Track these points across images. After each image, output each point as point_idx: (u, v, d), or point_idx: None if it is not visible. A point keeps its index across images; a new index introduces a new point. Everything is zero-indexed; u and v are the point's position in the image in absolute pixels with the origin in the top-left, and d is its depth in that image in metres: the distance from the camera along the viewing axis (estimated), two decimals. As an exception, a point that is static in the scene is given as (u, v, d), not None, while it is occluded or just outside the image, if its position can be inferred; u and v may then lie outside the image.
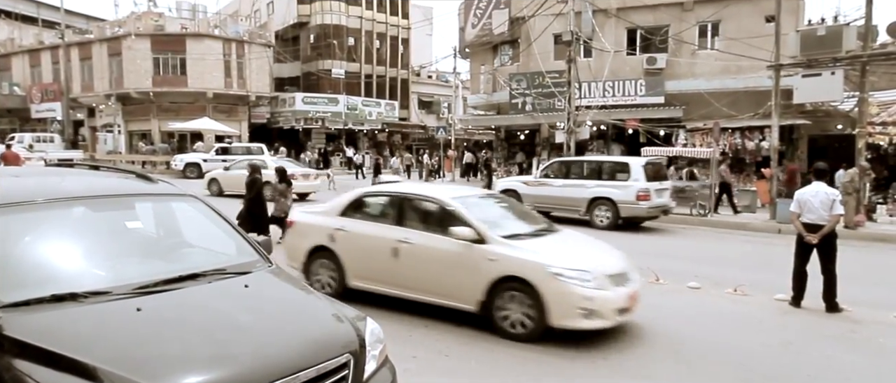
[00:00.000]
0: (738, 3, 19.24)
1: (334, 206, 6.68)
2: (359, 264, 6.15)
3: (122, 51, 31.17)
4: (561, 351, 4.98)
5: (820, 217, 6.36)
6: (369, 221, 6.29)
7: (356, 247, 6.17)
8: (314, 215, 6.94)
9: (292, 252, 6.76)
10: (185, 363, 2.27)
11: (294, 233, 6.95)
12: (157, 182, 3.78)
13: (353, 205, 6.54)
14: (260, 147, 27.16)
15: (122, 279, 2.81)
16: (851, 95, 15.65)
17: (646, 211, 12.70)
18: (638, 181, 12.58)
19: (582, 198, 13.13)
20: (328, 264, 6.35)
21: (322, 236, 6.41)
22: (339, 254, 6.25)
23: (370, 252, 6.04)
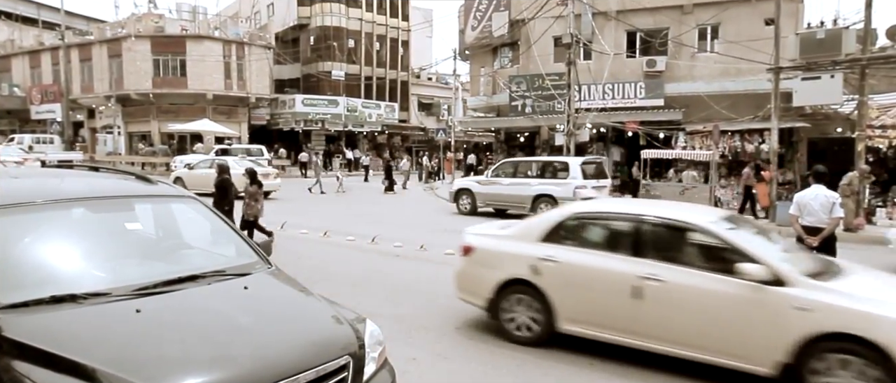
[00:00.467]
0: (738, 6, 19.28)
1: (530, 229, 5.42)
2: (577, 304, 4.92)
3: (122, 52, 31.20)
4: (561, 353, 4.98)
5: (819, 220, 6.35)
6: (591, 250, 5.00)
7: (573, 283, 4.94)
8: (502, 240, 5.58)
9: (472, 284, 5.54)
10: (184, 364, 2.27)
11: (474, 261, 5.56)
12: (157, 183, 3.78)
13: (562, 228, 5.26)
14: (260, 148, 27.23)
15: (121, 280, 2.81)
16: (851, 98, 15.67)
17: None
18: (576, 179, 13.67)
19: (527, 195, 14.12)
20: (529, 302, 5.13)
21: (519, 267, 5.18)
22: (546, 291, 5.01)
23: (597, 290, 4.81)
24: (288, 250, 8.40)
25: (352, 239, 10.69)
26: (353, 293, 6.58)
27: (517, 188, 14.53)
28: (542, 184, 14.18)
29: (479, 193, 15.35)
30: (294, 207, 16.46)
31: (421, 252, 9.65)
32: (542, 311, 5.06)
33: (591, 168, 14.33)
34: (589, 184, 13.67)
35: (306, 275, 4.30)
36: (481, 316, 5.98)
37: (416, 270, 8.32)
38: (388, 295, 6.85)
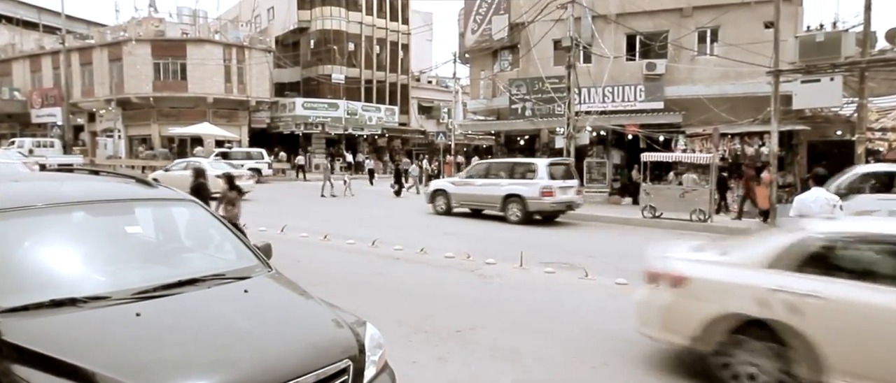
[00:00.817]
0: (737, 10, 19.31)
1: (766, 254, 4.28)
2: (867, 359, 3.73)
3: (122, 56, 31.25)
4: (561, 356, 4.97)
5: None
6: (880, 285, 3.77)
7: (860, 330, 3.75)
8: (721, 267, 4.48)
9: (682, 323, 4.45)
10: (184, 368, 2.27)
11: (687, 295, 4.47)
12: (157, 187, 3.78)
13: (819, 253, 4.08)
14: (260, 152, 27.28)
15: (121, 284, 2.81)
16: (850, 101, 15.69)
17: (549, 206, 14.14)
18: (542, 179, 14.05)
19: (498, 195, 14.67)
20: (775, 351, 4.01)
21: (758, 304, 4.07)
22: (812, 339, 3.84)
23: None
24: (288, 253, 8.40)
25: (352, 242, 10.69)
26: (353, 296, 6.57)
27: (489, 188, 14.99)
28: (512, 184, 14.62)
29: (453, 194, 15.84)
30: (294, 210, 16.45)
31: (422, 255, 9.65)
32: (803, 362, 3.91)
33: (559, 169, 14.79)
34: (556, 185, 14.15)
35: (306, 279, 4.30)
36: (481, 321, 5.97)
37: (416, 273, 8.31)
38: (389, 298, 6.85)
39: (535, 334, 5.61)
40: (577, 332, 5.70)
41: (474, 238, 12.07)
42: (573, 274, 8.45)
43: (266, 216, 14.02)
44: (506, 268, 8.72)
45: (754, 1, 18.16)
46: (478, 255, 9.46)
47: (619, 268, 9.00)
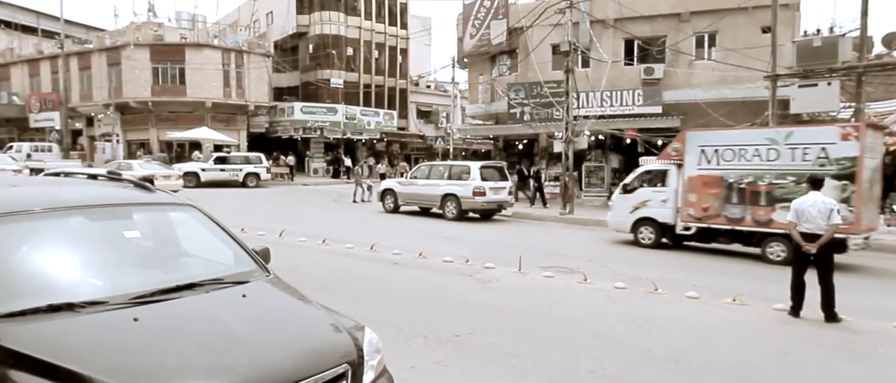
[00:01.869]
0: (735, 14, 19.39)
1: None
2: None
3: (121, 60, 31.26)
4: (560, 361, 4.97)
5: (818, 226, 6.37)
6: None
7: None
8: None
9: None
10: (181, 373, 2.26)
11: None
12: (155, 191, 3.78)
13: None
14: (258, 156, 27.27)
15: (119, 289, 2.80)
16: (847, 106, 15.74)
17: (481, 205, 15.71)
18: (475, 180, 15.57)
19: (437, 194, 16.22)
20: None
21: None
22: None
23: None
24: (286, 258, 8.38)
25: (350, 246, 10.68)
26: (351, 301, 6.57)
27: (429, 188, 16.51)
28: (450, 184, 16.05)
29: (400, 193, 17.29)
30: (292, 215, 16.44)
31: (420, 259, 9.65)
32: None
33: (491, 172, 16.31)
34: (487, 186, 15.65)
35: (305, 283, 4.29)
36: (480, 325, 5.97)
37: (414, 278, 8.31)
38: (387, 302, 6.84)
39: (534, 338, 5.61)
40: (576, 336, 5.69)
41: (471, 242, 12.08)
42: (572, 278, 8.46)
43: (264, 220, 14.01)
44: (504, 272, 8.71)
45: (752, 6, 18.23)
46: (476, 260, 9.46)
47: (618, 272, 9.01)
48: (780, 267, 9.74)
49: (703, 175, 11.19)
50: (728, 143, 11.06)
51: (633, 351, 5.28)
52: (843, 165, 9.70)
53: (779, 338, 5.83)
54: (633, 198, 12.37)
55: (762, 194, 10.49)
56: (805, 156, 10.12)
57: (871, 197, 10.28)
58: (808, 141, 10.18)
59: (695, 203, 11.30)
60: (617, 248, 12.09)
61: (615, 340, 5.59)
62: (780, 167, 10.33)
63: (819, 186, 6.74)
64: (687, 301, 7.27)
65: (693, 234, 11.55)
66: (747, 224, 10.67)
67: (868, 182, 9.94)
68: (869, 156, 9.90)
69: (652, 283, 7.88)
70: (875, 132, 10.70)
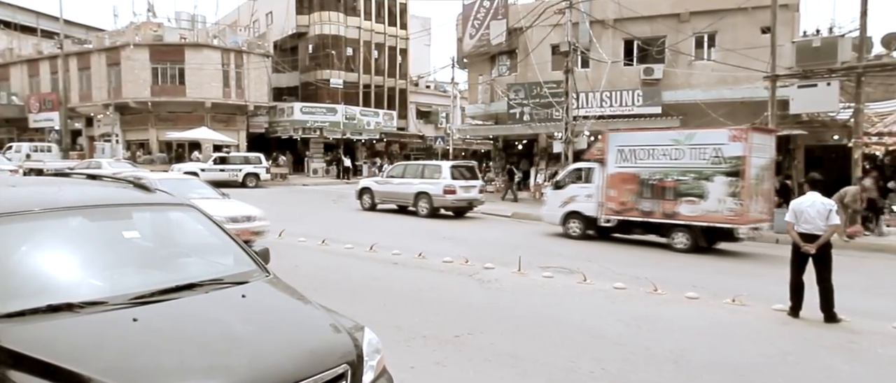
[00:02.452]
0: (734, 15, 19.40)
1: None
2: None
3: (120, 60, 31.26)
4: (560, 361, 4.96)
5: (816, 227, 6.37)
6: None
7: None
8: None
9: None
10: (181, 373, 2.26)
11: None
12: (155, 191, 3.77)
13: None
14: (258, 156, 27.27)
15: (118, 289, 2.80)
16: (847, 106, 15.74)
17: (451, 202, 16.45)
18: (446, 179, 16.25)
19: (410, 192, 16.84)
20: None
21: None
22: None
23: None
24: (286, 258, 8.38)
25: (350, 247, 10.68)
26: (351, 301, 6.56)
27: (404, 187, 17.13)
28: (422, 183, 16.68)
29: (376, 191, 17.87)
30: (292, 215, 16.43)
31: (420, 260, 9.64)
32: None
33: (462, 171, 17.14)
34: (458, 185, 16.44)
35: (304, 283, 4.28)
36: (479, 326, 5.97)
37: (414, 278, 8.30)
38: (387, 303, 6.84)
39: (534, 339, 5.61)
40: (576, 337, 5.69)
41: (470, 242, 12.08)
42: (571, 278, 8.46)
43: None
44: (504, 272, 8.71)
45: (751, 6, 18.24)
46: (476, 260, 9.46)
47: (617, 272, 9.01)
48: (686, 254, 11.15)
49: (621, 172, 12.16)
50: (641, 144, 12.03)
51: (633, 352, 5.28)
52: (733, 163, 10.75)
53: (778, 339, 5.83)
54: (563, 193, 13.41)
55: (669, 189, 11.47)
56: (703, 155, 11.12)
57: (760, 192, 11.24)
58: (705, 142, 11.18)
59: (614, 198, 12.30)
60: (548, 239, 12.99)
61: (615, 340, 5.59)
62: (683, 165, 11.35)
63: (818, 187, 6.73)
64: (686, 301, 7.27)
65: (614, 226, 12.55)
66: (657, 216, 11.67)
67: (755, 178, 10.92)
68: (756, 155, 10.90)
69: (651, 284, 7.88)
70: (763, 134, 11.73)
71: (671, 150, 11.55)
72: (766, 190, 11.64)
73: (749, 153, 10.71)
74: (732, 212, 10.65)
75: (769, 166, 11.69)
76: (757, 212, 11.16)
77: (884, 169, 15.57)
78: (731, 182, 10.77)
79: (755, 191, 11.01)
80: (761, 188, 11.34)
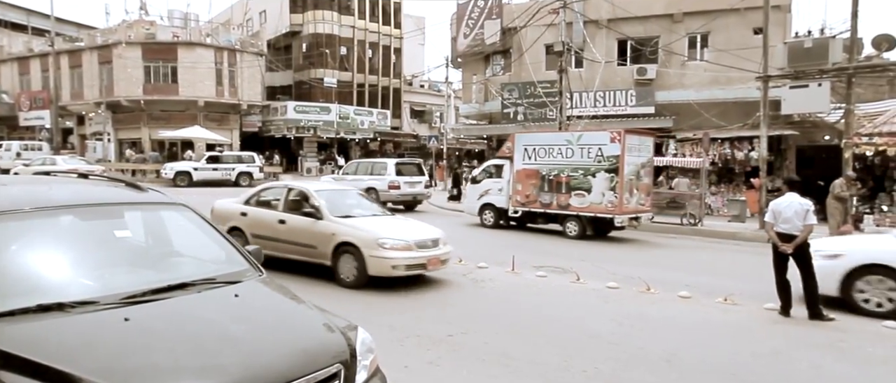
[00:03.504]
0: (727, 16, 19.50)
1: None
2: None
3: (112, 59, 31.05)
4: (554, 361, 4.98)
5: (794, 227, 6.44)
6: None
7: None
8: None
9: None
10: (173, 373, 2.25)
11: None
12: (147, 191, 3.75)
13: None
14: (251, 155, 27.14)
15: (109, 288, 2.78)
16: (838, 107, 15.86)
17: (396, 196, 17.56)
18: (390, 176, 17.64)
19: (361, 187, 17.66)
20: None
21: None
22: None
23: None
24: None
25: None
26: (344, 301, 6.55)
27: (356, 183, 17.79)
28: (371, 179, 17.93)
29: None
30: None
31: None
32: None
33: (408, 168, 18.53)
34: (402, 181, 17.77)
35: (297, 283, 4.27)
36: (473, 325, 5.98)
37: (407, 278, 8.29)
38: (380, 302, 6.83)
39: (527, 338, 5.62)
40: (569, 336, 5.71)
41: (464, 242, 12.09)
42: (565, 278, 8.48)
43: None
44: (498, 271, 8.72)
45: (744, 7, 18.34)
46: (470, 259, 9.47)
47: (610, 272, 9.04)
48: (576, 241, 12.64)
49: (526, 168, 13.72)
50: (542, 143, 13.63)
51: (626, 351, 5.31)
52: (611, 162, 12.37)
53: (769, 337, 5.87)
54: (479, 187, 14.97)
55: (563, 184, 13.07)
56: (589, 154, 12.72)
57: (638, 187, 13.03)
58: (590, 142, 12.80)
59: (520, 191, 13.82)
60: (465, 229, 14.28)
61: (608, 340, 5.61)
62: (574, 163, 12.94)
63: (796, 187, 6.80)
64: (680, 300, 7.31)
65: (520, 216, 14.01)
66: (553, 207, 13.29)
67: (632, 175, 12.69)
68: (632, 154, 12.64)
69: (644, 283, 7.92)
70: (640, 136, 13.50)
71: (565, 149, 13.10)
72: (645, 185, 13.32)
73: (624, 153, 12.27)
74: (611, 204, 12.34)
75: (647, 165, 13.43)
76: (635, 205, 12.85)
77: (873, 169, 15.69)
78: (611, 178, 12.37)
79: (634, 186, 12.78)
80: (639, 183, 13.04)
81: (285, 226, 8.07)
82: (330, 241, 7.54)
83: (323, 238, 7.63)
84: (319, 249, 7.68)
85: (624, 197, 12.37)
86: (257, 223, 8.47)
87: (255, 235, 8.28)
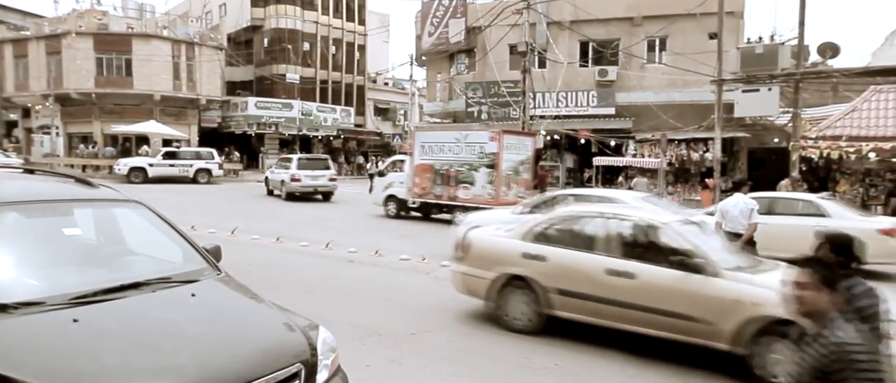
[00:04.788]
0: (684, 20, 20.09)
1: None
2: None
3: (61, 49, 29.73)
4: (516, 359, 5.04)
5: (739, 225, 6.75)
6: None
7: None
8: None
9: None
10: (125, 375, 2.18)
11: None
12: (98, 187, 3.62)
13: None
14: (210, 151, 26.47)
15: (57, 288, 2.67)
16: (786, 111, 16.56)
17: (297, 188, 19.51)
18: (293, 169, 19.63)
19: (278, 180, 20.50)
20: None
21: None
22: None
23: None
24: (239, 256, 8.18)
25: (305, 244, 10.52)
26: (305, 300, 6.47)
27: (275, 176, 20.80)
28: (283, 173, 20.09)
29: (270, 179, 21.54)
30: (245, 212, 16.05)
31: (376, 257, 9.59)
32: None
33: (312, 162, 20.68)
34: (303, 174, 19.56)
35: (257, 282, 4.19)
36: (435, 323, 6.00)
37: (370, 276, 8.25)
38: (342, 301, 6.77)
39: (489, 335, 5.67)
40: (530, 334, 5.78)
41: (427, 240, 12.10)
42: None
43: (216, 217, 13.62)
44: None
45: (700, 13, 18.93)
46: (433, 258, 9.48)
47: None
48: None
49: (423, 163, 15.02)
50: (435, 140, 15.12)
51: (589, 352, 5.41)
52: (491, 158, 13.89)
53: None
54: (385, 180, 16.68)
55: (452, 177, 14.47)
56: (473, 151, 14.22)
57: (517, 181, 14.45)
58: (475, 141, 14.38)
59: (418, 184, 15.07)
60: (365, 218, 15.53)
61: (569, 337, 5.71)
62: (461, 159, 14.39)
63: (741, 188, 7.13)
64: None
65: (419, 207, 15.17)
66: (445, 199, 14.59)
67: (510, 170, 14.22)
68: (510, 152, 14.20)
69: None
70: (518, 136, 15.46)
71: (454, 147, 14.57)
72: (524, 180, 14.77)
73: (501, 150, 13.79)
74: (490, 196, 13.67)
75: (526, 162, 14.93)
76: (513, 197, 13.90)
77: (818, 170, 16.45)
78: (490, 173, 13.84)
79: (512, 180, 14.29)
80: (519, 178, 14.51)
81: (629, 283, 5.13)
82: (733, 313, 4.66)
83: (716, 306, 4.75)
84: (709, 322, 4.78)
85: (501, 189, 13.80)
86: (567, 273, 5.49)
87: (564, 292, 5.45)
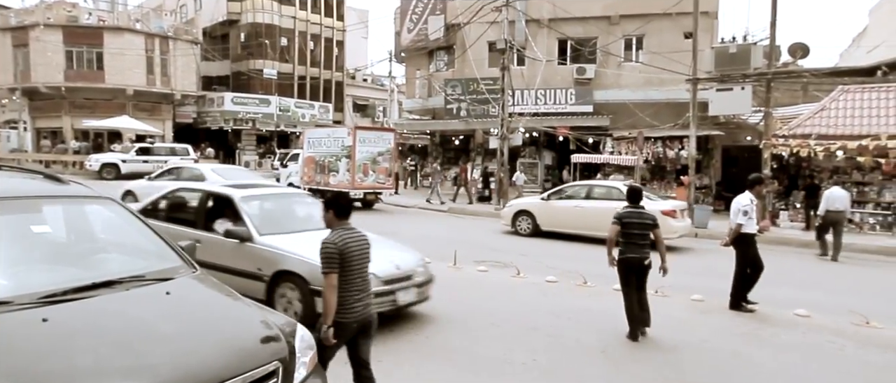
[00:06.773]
0: (660, 20, 20.37)
1: None
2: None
3: (29, 41, 28.90)
4: (495, 354, 5.06)
5: (733, 223, 6.92)
6: None
7: None
8: None
9: None
10: (96, 375, 2.13)
11: None
12: (68, 183, 3.53)
13: None
14: (185, 147, 25.99)
15: (25, 287, 2.60)
16: (758, 110, 16.93)
17: None
18: None
19: None
20: None
21: None
22: None
23: None
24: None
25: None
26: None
27: None
28: None
29: None
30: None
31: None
32: None
33: None
34: None
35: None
36: (414, 320, 5.99)
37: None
38: (321, 299, 6.71)
39: (469, 332, 5.69)
40: (510, 330, 5.82)
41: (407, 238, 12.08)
42: (506, 272, 8.63)
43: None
44: (440, 267, 8.75)
45: (676, 12, 19.21)
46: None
47: (549, 266, 9.28)
48: None
49: (309, 155, 18.06)
50: (317, 136, 18.25)
51: (564, 343, 5.47)
52: (348, 151, 16.63)
53: (698, 327, 6.21)
54: (288, 170, 20.46)
55: (325, 167, 17.33)
56: (338, 144, 17.01)
57: (376, 169, 16.93)
58: (339, 136, 17.37)
59: (306, 173, 17.99)
60: None
61: (547, 332, 5.76)
62: (331, 151, 17.24)
63: (753, 186, 7.29)
64: (614, 293, 7.55)
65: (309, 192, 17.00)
66: (321, 185, 16.59)
67: (368, 160, 16.74)
68: (367, 145, 16.75)
69: (581, 277, 8.17)
70: (380, 132, 18.77)
71: (328, 141, 17.44)
72: (383, 168, 17.20)
73: (355, 144, 16.44)
74: (349, 182, 16.24)
75: (386, 154, 17.33)
76: (371, 183, 16.76)
77: (788, 168, 16.85)
78: (347, 163, 16.51)
79: (370, 168, 16.79)
80: (378, 167, 17.00)
81: None
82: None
83: None
84: None
85: (357, 176, 16.42)
86: None
87: None
